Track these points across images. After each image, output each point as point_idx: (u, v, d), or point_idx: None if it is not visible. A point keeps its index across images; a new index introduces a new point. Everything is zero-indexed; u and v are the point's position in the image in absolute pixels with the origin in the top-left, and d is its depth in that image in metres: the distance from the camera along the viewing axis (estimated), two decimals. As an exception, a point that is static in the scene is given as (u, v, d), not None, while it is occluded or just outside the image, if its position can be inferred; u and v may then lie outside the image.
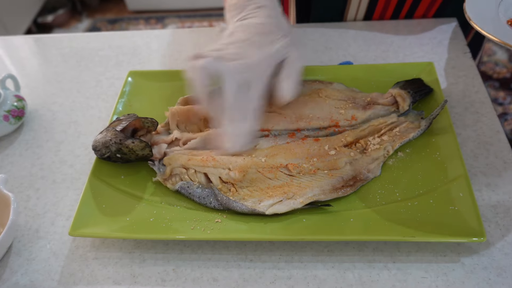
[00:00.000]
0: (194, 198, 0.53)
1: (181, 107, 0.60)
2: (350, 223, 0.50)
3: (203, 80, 0.50)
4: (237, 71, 0.51)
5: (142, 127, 0.58)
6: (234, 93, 0.51)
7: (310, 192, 0.52)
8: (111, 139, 0.54)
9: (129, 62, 0.78)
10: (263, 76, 0.52)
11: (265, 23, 0.54)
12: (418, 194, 0.52)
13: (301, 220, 0.50)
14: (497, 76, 2.08)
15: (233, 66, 0.50)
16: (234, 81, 0.50)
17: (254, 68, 0.52)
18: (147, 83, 0.68)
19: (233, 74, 0.50)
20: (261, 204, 0.51)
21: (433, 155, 0.55)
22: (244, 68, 0.51)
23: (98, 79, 0.76)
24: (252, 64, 0.51)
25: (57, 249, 0.54)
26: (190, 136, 0.58)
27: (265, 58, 0.52)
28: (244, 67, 0.51)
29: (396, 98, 0.60)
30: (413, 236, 0.47)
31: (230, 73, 0.50)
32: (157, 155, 0.57)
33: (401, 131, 0.57)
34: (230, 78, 0.50)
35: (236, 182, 0.53)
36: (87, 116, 0.70)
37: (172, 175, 0.55)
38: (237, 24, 0.55)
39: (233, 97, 0.51)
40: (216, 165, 0.54)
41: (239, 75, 0.51)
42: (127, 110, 0.65)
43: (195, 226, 0.51)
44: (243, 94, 0.51)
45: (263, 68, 0.52)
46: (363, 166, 0.54)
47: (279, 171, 0.54)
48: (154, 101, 0.66)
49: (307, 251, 0.51)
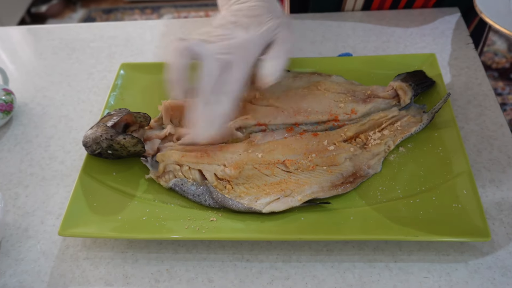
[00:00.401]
0: (188, 196, 0.51)
1: (174, 101, 0.58)
2: (350, 222, 0.48)
3: (181, 63, 0.47)
4: (218, 52, 0.48)
5: (134, 122, 0.56)
6: (211, 74, 0.48)
7: (308, 189, 0.50)
8: (102, 135, 0.52)
9: (122, 53, 0.76)
10: (246, 57, 0.50)
11: (256, 6, 0.51)
12: (420, 191, 0.50)
13: (299, 219, 0.49)
14: (496, 66, 2.05)
15: (213, 47, 0.48)
16: (213, 62, 0.48)
17: (237, 49, 0.49)
18: (140, 76, 0.66)
19: (212, 55, 0.48)
20: (258, 202, 0.50)
21: (435, 150, 0.54)
22: (225, 49, 0.48)
23: (90, 71, 0.74)
24: (234, 45, 0.49)
25: (47, 249, 0.52)
26: (184, 131, 0.56)
27: (250, 39, 0.50)
28: (226, 48, 0.48)
29: (397, 91, 0.58)
30: (416, 235, 0.46)
31: (210, 54, 0.47)
32: (150, 151, 0.55)
33: (402, 125, 0.56)
34: (209, 59, 0.47)
35: (232, 179, 0.52)
36: (78, 110, 0.68)
37: (166, 172, 0.53)
38: (228, 9, 0.53)
39: (210, 79, 0.48)
40: (211, 162, 0.52)
41: (220, 56, 0.48)
42: (119, 104, 0.63)
43: (189, 225, 0.49)
44: (222, 76, 0.48)
45: (247, 49, 0.50)
46: (363, 162, 0.53)
47: (276, 167, 0.52)
48: (147, 94, 0.64)
49: (306, 250, 0.49)
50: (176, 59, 0.47)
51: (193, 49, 0.48)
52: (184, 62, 0.47)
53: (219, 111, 0.49)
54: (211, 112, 0.49)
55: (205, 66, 0.48)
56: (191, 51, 0.48)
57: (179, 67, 0.47)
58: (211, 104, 0.49)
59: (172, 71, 0.47)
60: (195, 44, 0.48)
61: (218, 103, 0.49)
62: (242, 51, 0.49)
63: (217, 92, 0.48)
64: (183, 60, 0.47)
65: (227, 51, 0.49)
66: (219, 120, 0.50)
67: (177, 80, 0.47)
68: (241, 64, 0.49)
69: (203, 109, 0.49)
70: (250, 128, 0.57)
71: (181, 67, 0.47)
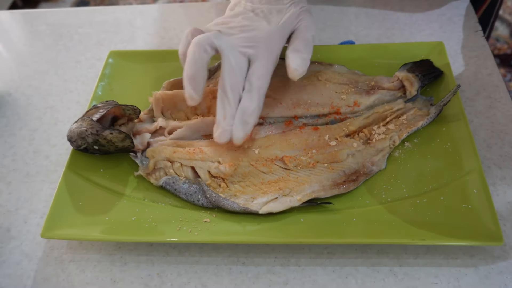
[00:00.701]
0: (180, 195, 0.48)
1: (166, 92, 0.55)
2: (352, 223, 0.45)
3: (201, 57, 0.44)
4: (241, 45, 0.45)
5: (123, 114, 0.53)
6: (236, 70, 0.44)
7: (308, 188, 0.47)
8: (87, 129, 0.48)
9: (111, 40, 0.72)
10: (271, 49, 0.47)
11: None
12: (427, 190, 0.47)
13: (298, 220, 0.46)
14: (498, 53, 2.01)
15: (235, 40, 0.45)
16: (237, 57, 0.45)
17: (261, 41, 0.46)
18: (129, 65, 0.62)
19: (235, 49, 0.45)
20: (254, 202, 0.46)
21: (443, 145, 0.50)
22: (248, 41, 0.45)
23: (78, 59, 0.70)
24: (258, 37, 0.46)
25: (30, 251, 0.49)
26: (176, 125, 0.53)
27: (273, 30, 0.47)
28: (249, 41, 0.45)
29: (403, 82, 0.54)
30: (423, 238, 0.43)
31: (232, 48, 0.44)
32: (140, 146, 0.51)
33: (408, 119, 0.52)
34: (232, 54, 0.44)
35: (227, 176, 0.48)
36: (65, 101, 0.64)
37: (156, 169, 0.50)
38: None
39: (235, 75, 0.44)
40: (204, 158, 0.49)
41: (243, 49, 0.45)
42: (107, 95, 0.59)
43: (181, 226, 0.46)
44: (248, 71, 0.45)
45: (271, 40, 0.47)
46: (366, 159, 0.49)
47: (274, 164, 0.49)
48: (137, 84, 0.60)
49: (305, 253, 0.46)
50: (195, 53, 0.44)
51: (212, 42, 0.44)
52: (204, 57, 0.44)
53: (251, 108, 0.45)
54: (243, 110, 0.45)
55: (228, 61, 0.44)
56: (211, 45, 0.44)
57: (199, 62, 0.44)
58: (242, 102, 0.45)
59: (191, 67, 0.44)
60: (214, 36, 0.44)
61: (249, 101, 0.45)
62: (266, 43, 0.46)
63: (247, 89, 0.45)
64: (203, 55, 0.44)
65: (250, 43, 0.45)
66: (253, 119, 0.46)
67: (196, 77, 0.44)
68: (267, 57, 0.46)
69: (232, 108, 0.45)
70: (246, 121, 0.53)
71: (200, 62, 0.44)
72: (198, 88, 0.45)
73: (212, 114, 0.54)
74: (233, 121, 0.45)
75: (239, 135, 0.45)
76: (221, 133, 0.45)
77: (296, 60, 0.47)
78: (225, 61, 0.44)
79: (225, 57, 0.44)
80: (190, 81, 0.44)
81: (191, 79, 0.44)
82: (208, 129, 0.52)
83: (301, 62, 0.47)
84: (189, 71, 0.44)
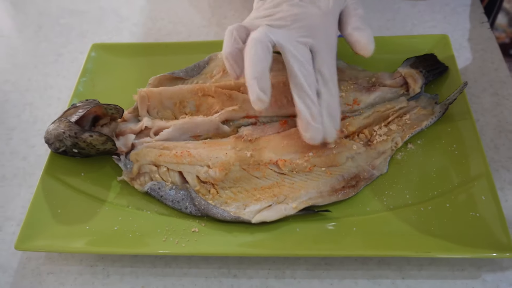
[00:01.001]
0: (166, 202, 0.45)
1: (152, 89, 0.51)
2: (352, 233, 0.42)
3: (265, 56, 0.40)
4: (299, 36, 0.42)
5: (105, 114, 0.49)
6: (305, 64, 0.41)
7: (304, 195, 0.44)
8: (64, 131, 0.44)
9: (95, 32, 0.67)
10: (329, 35, 0.44)
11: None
12: (432, 197, 0.44)
13: (294, 230, 0.42)
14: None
15: (291, 32, 0.42)
16: (300, 49, 0.42)
17: (317, 29, 0.43)
18: (114, 59, 0.59)
19: (294, 42, 0.42)
20: (247, 210, 0.43)
21: (449, 147, 0.47)
22: (305, 31, 0.42)
23: (59, 52, 0.65)
24: (313, 24, 0.43)
25: (5, 262, 0.45)
26: (163, 125, 0.49)
27: (326, 14, 0.44)
28: (305, 30, 0.42)
29: (406, 78, 0.51)
30: (428, 250, 0.40)
31: (291, 42, 0.41)
32: (123, 148, 0.48)
33: (411, 118, 0.49)
34: (294, 47, 0.41)
35: (217, 182, 0.45)
36: (45, 97, 0.60)
37: (141, 174, 0.46)
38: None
39: (306, 70, 0.41)
40: (192, 162, 0.45)
41: (302, 39, 0.42)
42: (89, 92, 0.55)
43: (167, 237, 0.43)
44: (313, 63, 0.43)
45: (327, 26, 0.44)
46: (367, 162, 0.46)
47: (268, 168, 0.45)
48: (122, 80, 0.57)
49: (301, 265, 0.43)
50: (259, 51, 0.40)
51: (270, 38, 0.41)
52: (268, 55, 0.40)
53: (335, 102, 0.43)
54: (328, 106, 0.42)
55: (293, 56, 0.41)
56: (271, 41, 0.41)
57: (265, 60, 0.40)
58: (324, 98, 0.42)
59: (256, 66, 0.40)
60: (269, 31, 0.41)
61: (329, 95, 0.43)
62: (325, 30, 0.43)
63: (321, 83, 0.42)
64: (267, 52, 0.40)
65: (308, 33, 0.42)
66: (339, 112, 0.43)
67: (263, 76, 0.40)
68: (329, 44, 0.44)
69: (316, 105, 0.42)
70: (238, 121, 0.50)
71: (266, 61, 0.40)
72: (267, 88, 0.40)
73: (201, 113, 0.50)
74: (321, 118, 0.42)
75: (333, 132, 0.43)
76: (314, 134, 0.42)
77: (363, 37, 0.44)
78: (290, 56, 0.41)
79: (288, 52, 0.41)
80: (259, 82, 0.40)
81: (259, 79, 0.40)
82: (197, 129, 0.49)
83: (368, 37, 0.44)
84: (255, 71, 0.40)
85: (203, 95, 0.51)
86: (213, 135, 0.49)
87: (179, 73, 0.53)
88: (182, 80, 0.54)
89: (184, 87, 0.51)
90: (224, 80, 0.52)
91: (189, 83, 0.53)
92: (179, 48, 0.59)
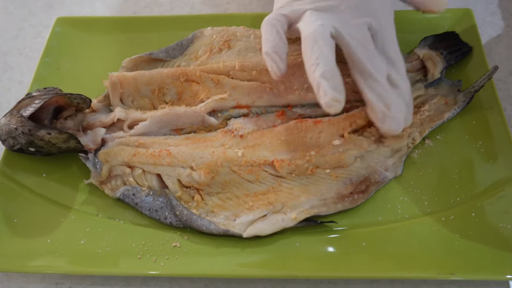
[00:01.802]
0: (142, 211, 0.38)
1: (126, 74, 0.43)
2: (361, 249, 0.36)
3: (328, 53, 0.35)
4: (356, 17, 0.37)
5: (69, 104, 0.41)
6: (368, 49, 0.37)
7: (306, 203, 0.37)
8: (17, 127, 0.37)
9: (63, 3, 0.59)
10: (388, 12, 0.39)
11: None
12: (455, 204, 0.38)
13: (293, 245, 0.36)
14: None
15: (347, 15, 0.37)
16: (361, 32, 0.37)
17: (375, 6, 0.38)
18: (82, 36, 0.51)
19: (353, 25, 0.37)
20: (237, 221, 0.37)
21: (474, 144, 0.41)
22: (363, 11, 0.37)
23: (20, 26, 0.57)
24: (369, 1, 0.38)
25: (-46, 280, 0.39)
26: (139, 117, 0.42)
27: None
28: (363, 10, 0.37)
29: (424, 62, 0.44)
30: (451, 272, 0.34)
31: (349, 26, 0.37)
32: (91, 144, 0.40)
33: (431, 109, 0.42)
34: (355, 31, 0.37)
35: (202, 186, 0.38)
36: (4, 79, 0.52)
37: (112, 177, 0.39)
38: None
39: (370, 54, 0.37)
40: (173, 163, 0.38)
41: (360, 21, 0.37)
42: (53, 75, 0.48)
43: (143, 253, 0.36)
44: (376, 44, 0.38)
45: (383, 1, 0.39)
46: (379, 162, 0.39)
47: (262, 170, 0.39)
48: (92, 62, 0.49)
49: (302, 284, 0.37)
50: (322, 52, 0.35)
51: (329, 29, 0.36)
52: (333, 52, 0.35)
53: (406, 87, 0.38)
54: (401, 89, 0.37)
55: (355, 41, 0.36)
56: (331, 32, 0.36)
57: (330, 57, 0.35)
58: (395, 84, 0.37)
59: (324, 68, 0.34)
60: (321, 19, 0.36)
61: (400, 80, 0.38)
62: (379, 4, 0.38)
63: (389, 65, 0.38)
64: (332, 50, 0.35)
65: (364, 12, 0.37)
66: (411, 98, 0.39)
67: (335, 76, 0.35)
68: (389, 22, 0.39)
69: (389, 93, 0.37)
70: (227, 112, 0.42)
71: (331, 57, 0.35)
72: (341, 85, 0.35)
73: (184, 102, 0.43)
74: (397, 106, 0.37)
75: (409, 118, 0.38)
76: (393, 125, 0.37)
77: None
78: (351, 42, 0.36)
79: (349, 37, 0.36)
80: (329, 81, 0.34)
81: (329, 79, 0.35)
82: (179, 122, 0.42)
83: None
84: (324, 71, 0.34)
85: (186, 81, 0.43)
86: (198, 128, 0.42)
87: (158, 54, 0.46)
88: (161, 62, 0.46)
89: (164, 71, 0.43)
90: (211, 62, 0.45)
91: (170, 66, 0.46)
92: (160, 23, 0.51)
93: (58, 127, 0.40)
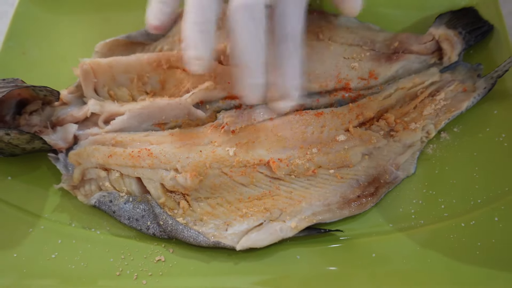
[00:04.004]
0: (121, 220, 0.33)
1: (100, 60, 0.38)
2: (371, 262, 0.32)
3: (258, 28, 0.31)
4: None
5: (35, 96, 0.36)
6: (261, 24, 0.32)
7: (307, 209, 0.33)
8: (-29, 127, 0.32)
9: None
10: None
11: None
12: (475, 206, 0.34)
13: (293, 257, 0.32)
14: None
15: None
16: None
17: None
18: (51, 17, 0.45)
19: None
20: (229, 230, 0.32)
21: (495, 137, 0.36)
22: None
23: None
24: None
25: None
26: (115, 110, 0.37)
27: None
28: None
29: (440, 43, 0.38)
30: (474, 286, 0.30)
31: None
32: (62, 143, 0.36)
33: (447, 97, 0.37)
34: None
35: (189, 191, 0.34)
36: (-35, 66, 0.46)
37: (85, 181, 0.34)
38: None
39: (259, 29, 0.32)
40: (154, 164, 0.33)
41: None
42: (17, 61, 0.42)
43: (123, 269, 0.32)
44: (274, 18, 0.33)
45: None
46: (389, 160, 0.35)
47: (257, 171, 0.34)
48: (62, 46, 0.44)
49: (302, 300, 0.33)
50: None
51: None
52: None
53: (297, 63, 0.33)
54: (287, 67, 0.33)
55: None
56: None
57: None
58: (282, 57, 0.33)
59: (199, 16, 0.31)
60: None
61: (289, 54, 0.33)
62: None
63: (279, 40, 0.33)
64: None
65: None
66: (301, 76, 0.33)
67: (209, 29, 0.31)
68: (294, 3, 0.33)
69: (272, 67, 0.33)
70: (216, 103, 0.37)
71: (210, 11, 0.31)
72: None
73: (167, 92, 0.38)
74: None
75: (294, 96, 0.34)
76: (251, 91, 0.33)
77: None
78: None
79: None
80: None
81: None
82: (162, 115, 0.37)
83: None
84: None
85: (169, 68, 0.38)
86: (184, 122, 0.37)
87: (137, 36, 0.40)
88: (141, 46, 0.41)
89: (144, 57, 0.38)
90: (197, 45, 0.39)
91: (151, 51, 0.40)
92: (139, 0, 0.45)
93: (22, 124, 0.35)
